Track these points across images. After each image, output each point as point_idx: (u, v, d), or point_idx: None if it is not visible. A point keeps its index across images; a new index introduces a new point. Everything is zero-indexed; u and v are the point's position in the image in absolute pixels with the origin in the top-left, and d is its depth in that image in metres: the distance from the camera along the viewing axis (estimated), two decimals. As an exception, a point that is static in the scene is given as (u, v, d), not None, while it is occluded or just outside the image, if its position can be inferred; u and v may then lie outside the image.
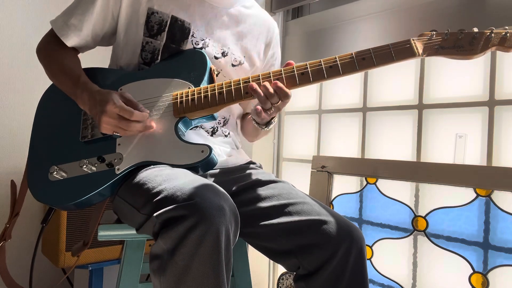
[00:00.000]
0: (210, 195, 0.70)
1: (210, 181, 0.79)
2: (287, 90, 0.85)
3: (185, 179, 0.75)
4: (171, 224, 0.68)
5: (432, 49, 0.82)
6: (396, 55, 0.83)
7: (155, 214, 0.70)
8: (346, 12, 1.55)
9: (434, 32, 0.82)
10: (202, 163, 0.85)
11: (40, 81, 1.61)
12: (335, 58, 0.85)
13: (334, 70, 0.85)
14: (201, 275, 0.67)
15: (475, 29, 0.80)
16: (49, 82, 1.06)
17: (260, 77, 0.88)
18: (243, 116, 1.22)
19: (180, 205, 0.68)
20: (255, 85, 0.85)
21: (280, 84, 0.84)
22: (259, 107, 0.87)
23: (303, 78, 0.86)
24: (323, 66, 0.86)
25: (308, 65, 0.86)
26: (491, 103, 1.19)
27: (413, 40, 0.82)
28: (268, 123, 0.98)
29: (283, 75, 0.87)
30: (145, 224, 0.77)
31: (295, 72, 0.87)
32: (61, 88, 0.99)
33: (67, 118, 0.99)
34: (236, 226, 0.73)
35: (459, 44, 0.80)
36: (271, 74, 0.87)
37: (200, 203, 0.67)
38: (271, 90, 0.84)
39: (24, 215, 1.56)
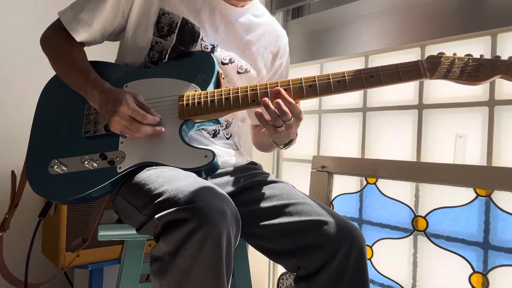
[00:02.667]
0: (211, 198, 0.70)
1: (211, 183, 0.78)
2: (299, 109, 0.84)
3: (187, 181, 0.75)
4: (173, 226, 0.68)
5: (440, 73, 0.83)
6: (404, 75, 0.84)
7: (156, 216, 0.70)
8: (346, 12, 1.55)
9: (442, 55, 0.83)
10: (205, 168, 0.85)
11: (40, 79, 1.61)
12: (344, 73, 0.86)
13: (341, 85, 0.85)
14: (201, 279, 0.67)
15: (483, 56, 0.80)
16: (49, 77, 1.05)
17: (268, 86, 0.87)
18: (256, 126, 1.21)
19: (181, 208, 0.68)
20: (267, 101, 0.83)
21: (292, 101, 0.84)
22: (259, 111, 0.85)
23: (311, 90, 0.86)
24: (331, 80, 0.86)
25: (316, 78, 0.86)
26: (491, 103, 1.19)
27: (421, 61, 0.84)
28: (286, 144, 0.97)
29: (290, 86, 0.87)
30: (146, 225, 0.77)
31: (303, 84, 0.86)
32: (68, 82, 0.99)
33: (69, 112, 0.98)
34: (237, 229, 0.73)
35: (466, 70, 0.81)
36: (278, 84, 0.87)
37: (202, 206, 0.67)
38: (285, 107, 0.82)
39: (25, 207, 1.56)
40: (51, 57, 1.02)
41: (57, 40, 1.00)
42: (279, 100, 0.82)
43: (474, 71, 0.81)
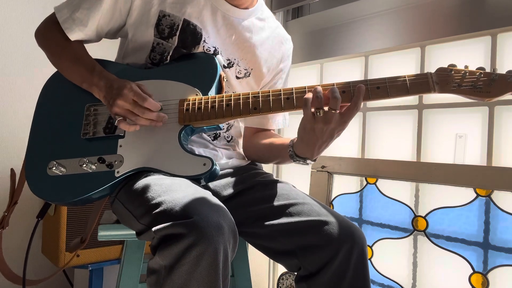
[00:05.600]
0: (208, 213, 0.69)
1: (209, 193, 0.78)
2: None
3: (185, 191, 0.74)
4: (169, 241, 0.67)
5: (449, 87, 0.79)
6: (411, 88, 0.80)
7: (153, 229, 0.69)
8: (346, 12, 1.55)
9: (453, 69, 0.79)
10: (204, 177, 0.84)
11: (40, 77, 1.61)
12: (349, 83, 0.82)
13: (346, 95, 0.82)
14: None
15: (495, 70, 0.77)
16: (49, 76, 1.04)
17: (270, 93, 0.86)
18: (258, 133, 1.15)
19: (178, 223, 0.67)
20: (319, 88, 0.80)
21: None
22: (308, 96, 0.80)
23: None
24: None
25: (320, 87, 0.84)
26: (491, 103, 1.19)
27: (430, 74, 0.80)
28: (304, 159, 0.91)
29: (293, 95, 0.84)
30: (144, 234, 0.77)
31: (307, 93, 0.83)
32: (70, 75, 0.97)
33: (69, 112, 0.97)
34: (235, 242, 0.73)
35: (476, 85, 0.77)
36: (281, 91, 0.85)
37: (199, 221, 0.67)
38: (338, 95, 0.79)
39: (25, 206, 1.56)
40: (50, 51, 1.00)
41: (55, 35, 0.98)
42: (335, 88, 0.80)
43: (485, 86, 0.77)
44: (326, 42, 1.62)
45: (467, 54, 1.25)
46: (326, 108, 0.80)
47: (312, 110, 0.81)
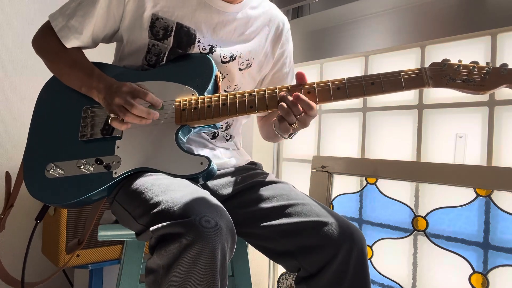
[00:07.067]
0: (206, 212, 0.69)
1: (207, 193, 0.78)
2: (310, 101, 0.83)
3: (182, 191, 0.75)
4: (167, 240, 0.67)
5: (443, 81, 0.80)
6: (406, 83, 0.81)
7: (151, 229, 0.70)
8: (346, 12, 1.55)
9: (446, 63, 0.80)
10: (201, 176, 0.85)
11: (37, 81, 1.61)
12: (344, 80, 0.84)
13: (341, 92, 0.84)
14: None
15: (489, 63, 0.77)
16: (46, 80, 1.05)
17: (266, 91, 0.87)
18: (262, 118, 1.21)
19: (176, 222, 0.67)
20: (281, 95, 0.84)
21: (302, 96, 0.83)
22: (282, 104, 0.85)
23: (309, 97, 0.85)
24: (330, 87, 0.85)
25: (315, 85, 0.86)
26: (491, 103, 1.19)
27: (424, 69, 0.81)
28: (291, 134, 0.97)
29: (292, 91, 0.86)
30: (143, 234, 0.77)
31: (302, 91, 0.85)
32: (69, 80, 0.97)
33: (66, 115, 0.97)
34: (233, 242, 0.73)
35: (470, 78, 0.78)
36: (277, 90, 0.86)
37: (196, 221, 0.67)
38: (293, 100, 0.83)
39: (23, 208, 1.56)
40: (47, 59, 1.01)
41: (51, 41, 0.99)
42: (287, 95, 0.84)
43: (479, 80, 0.77)
44: (326, 42, 1.62)
45: (467, 54, 1.25)
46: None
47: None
